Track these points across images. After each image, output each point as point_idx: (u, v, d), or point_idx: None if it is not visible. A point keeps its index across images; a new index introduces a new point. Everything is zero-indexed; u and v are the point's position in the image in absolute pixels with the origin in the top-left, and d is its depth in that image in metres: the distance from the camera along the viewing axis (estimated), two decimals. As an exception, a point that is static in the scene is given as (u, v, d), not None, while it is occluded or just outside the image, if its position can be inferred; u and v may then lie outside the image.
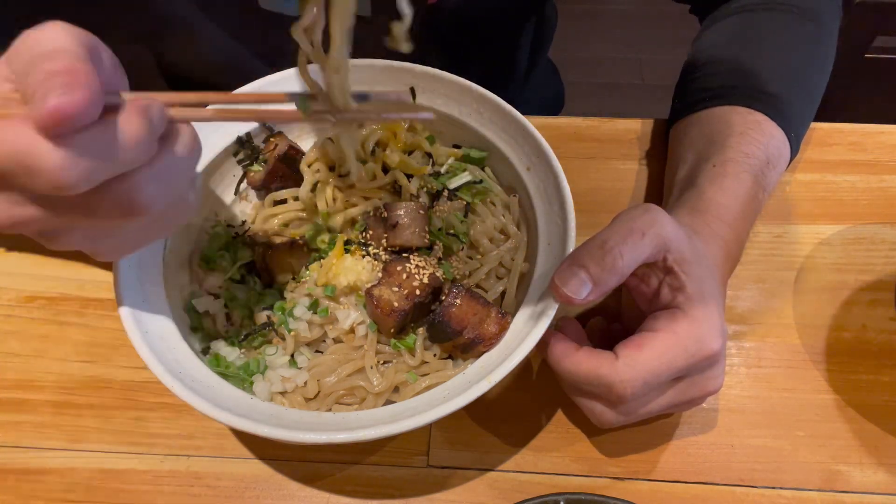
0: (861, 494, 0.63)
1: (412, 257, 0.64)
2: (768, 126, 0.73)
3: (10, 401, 0.70)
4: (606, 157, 0.86)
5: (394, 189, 0.71)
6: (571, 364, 0.57)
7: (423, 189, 0.70)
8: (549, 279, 0.57)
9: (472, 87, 0.71)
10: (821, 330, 0.72)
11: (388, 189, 0.71)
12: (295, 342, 0.65)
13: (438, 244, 0.67)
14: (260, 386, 0.62)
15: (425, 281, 0.62)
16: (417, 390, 0.61)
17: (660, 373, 0.55)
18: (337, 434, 0.53)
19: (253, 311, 0.67)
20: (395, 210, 0.66)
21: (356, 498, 0.64)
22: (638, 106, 2.40)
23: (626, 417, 0.58)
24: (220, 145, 0.72)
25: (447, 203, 0.69)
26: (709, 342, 0.55)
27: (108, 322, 0.74)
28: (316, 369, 0.64)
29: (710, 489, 0.64)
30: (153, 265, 0.65)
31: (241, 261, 0.69)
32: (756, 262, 0.77)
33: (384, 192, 0.71)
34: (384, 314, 0.61)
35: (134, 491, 0.65)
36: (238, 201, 0.76)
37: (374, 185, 0.70)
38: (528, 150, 0.69)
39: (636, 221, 0.56)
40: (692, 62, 0.84)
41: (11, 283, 0.77)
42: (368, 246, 0.67)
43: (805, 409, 0.67)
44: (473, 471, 0.65)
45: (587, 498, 0.59)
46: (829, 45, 0.82)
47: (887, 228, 0.79)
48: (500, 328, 0.60)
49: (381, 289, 0.62)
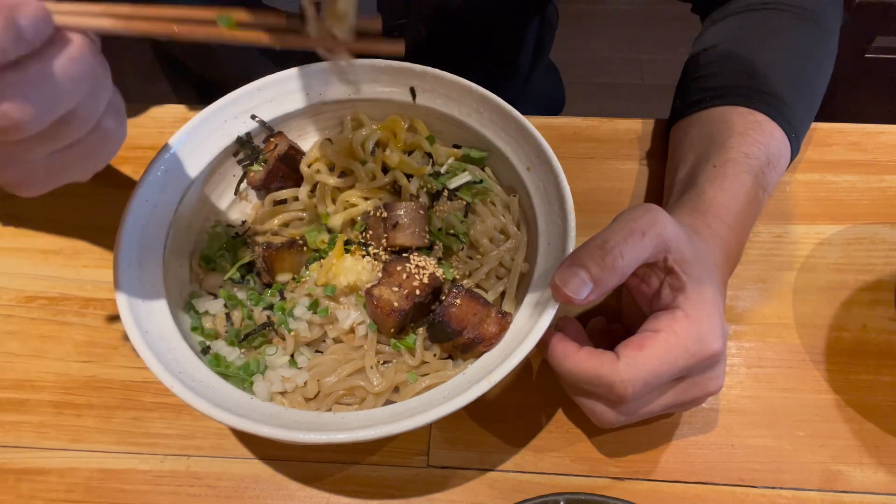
0: (861, 494, 0.63)
1: (412, 257, 0.64)
2: (769, 126, 0.73)
3: (10, 401, 0.70)
4: (606, 157, 0.86)
5: (394, 189, 0.71)
6: (572, 364, 0.57)
7: (424, 189, 0.70)
8: (550, 279, 0.57)
9: (473, 87, 0.71)
10: (821, 330, 0.72)
11: (388, 189, 0.71)
12: (295, 342, 0.65)
13: (438, 244, 0.67)
14: (260, 386, 0.62)
15: (425, 281, 0.62)
16: (417, 390, 0.61)
17: (661, 373, 0.55)
18: (337, 434, 0.53)
19: (253, 311, 0.67)
20: (395, 210, 0.66)
21: (356, 498, 0.64)
22: (638, 106, 2.40)
23: (627, 417, 0.58)
24: (221, 145, 0.72)
25: (447, 203, 0.69)
26: (709, 342, 0.55)
27: (108, 322, 0.74)
28: (316, 369, 0.64)
29: (710, 489, 0.64)
30: (153, 265, 0.65)
31: (240, 261, 0.69)
32: (756, 262, 0.77)
33: (384, 192, 0.71)
34: (384, 314, 0.61)
35: (134, 491, 0.65)
36: (238, 201, 0.76)
37: (374, 185, 0.70)
38: (528, 150, 0.69)
39: (637, 221, 0.56)
40: (693, 62, 0.84)
41: (11, 283, 0.77)
42: (368, 246, 0.67)
43: (805, 409, 0.67)
44: (473, 471, 0.65)
45: (587, 498, 0.59)
46: (830, 45, 0.82)
47: (887, 228, 0.79)
48: (500, 328, 0.60)
49: (381, 289, 0.62)
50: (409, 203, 0.67)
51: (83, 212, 0.82)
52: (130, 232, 0.64)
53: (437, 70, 0.72)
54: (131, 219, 0.64)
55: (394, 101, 0.74)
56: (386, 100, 0.74)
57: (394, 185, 0.71)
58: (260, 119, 0.73)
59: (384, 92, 0.74)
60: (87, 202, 0.82)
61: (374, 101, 0.74)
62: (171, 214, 0.68)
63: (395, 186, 0.71)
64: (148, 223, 0.65)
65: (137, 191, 0.65)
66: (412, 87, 0.73)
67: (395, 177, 0.70)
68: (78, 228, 0.81)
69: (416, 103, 0.73)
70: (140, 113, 0.91)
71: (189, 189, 0.70)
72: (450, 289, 0.62)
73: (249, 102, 0.73)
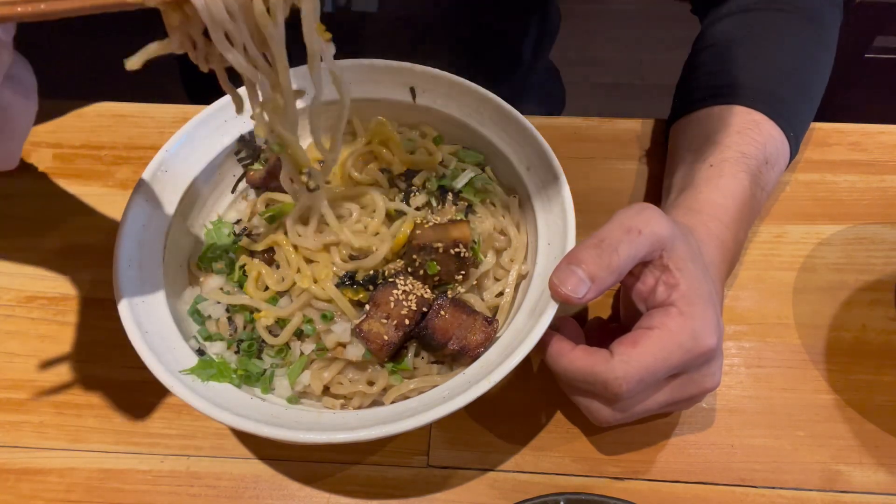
0: (861, 494, 0.63)
1: (398, 282, 0.62)
2: (767, 126, 0.73)
3: (10, 401, 0.70)
4: (606, 157, 0.86)
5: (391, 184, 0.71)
6: (567, 362, 0.57)
7: (425, 189, 0.70)
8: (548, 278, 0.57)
9: (473, 87, 0.71)
10: (821, 330, 0.72)
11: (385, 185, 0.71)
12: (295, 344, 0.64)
13: None
14: (261, 387, 0.62)
15: (413, 307, 0.61)
16: (403, 391, 0.61)
17: (655, 369, 0.55)
18: (337, 434, 0.53)
19: (253, 314, 0.66)
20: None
21: (356, 498, 0.64)
22: (638, 106, 2.40)
23: (624, 415, 0.58)
24: (221, 144, 0.72)
25: (452, 207, 0.69)
26: (704, 338, 0.55)
27: (108, 322, 0.73)
28: (315, 369, 0.64)
29: (710, 489, 0.64)
30: (153, 265, 0.65)
31: (240, 262, 0.69)
32: (756, 262, 0.77)
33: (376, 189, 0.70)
34: (377, 348, 0.60)
35: (134, 491, 0.65)
36: (238, 200, 0.76)
37: (365, 179, 0.70)
38: (528, 150, 0.69)
39: (633, 220, 0.56)
40: (692, 61, 0.84)
41: (11, 283, 0.77)
42: None
43: (805, 409, 0.67)
44: (473, 471, 0.65)
45: (587, 498, 0.59)
46: (830, 45, 0.82)
47: (887, 228, 0.79)
48: (485, 336, 0.60)
49: (369, 322, 0.60)
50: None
51: (83, 212, 0.82)
52: (130, 232, 0.64)
53: (437, 70, 0.72)
54: (131, 219, 0.64)
55: (394, 100, 0.74)
56: (386, 100, 0.74)
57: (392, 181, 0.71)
58: (260, 119, 0.73)
59: (384, 92, 0.74)
60: (87, 202, 0.82)
61: (375, 100, 0.74)
62: (170, 214, 0.68)
63: (396, 185, 0.71)
64: (148, 223, 0.65)
65: (137, 191, 0.65)
66: (412, 87, 0.73)
67: (374, 178, 0.70)
68: (78, 228, 0.81)
69: (416, 103, 0.73)
70: (139, 113, 0.91)
71: (189, 189, 0.70)
72: (434, 300, 0.62)
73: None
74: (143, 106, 0.91)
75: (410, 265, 0.63)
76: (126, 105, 0.91)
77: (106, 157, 0.87)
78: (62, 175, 0.85)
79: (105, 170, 0.86)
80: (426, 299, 0.62)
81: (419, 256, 0.63)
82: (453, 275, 0.64)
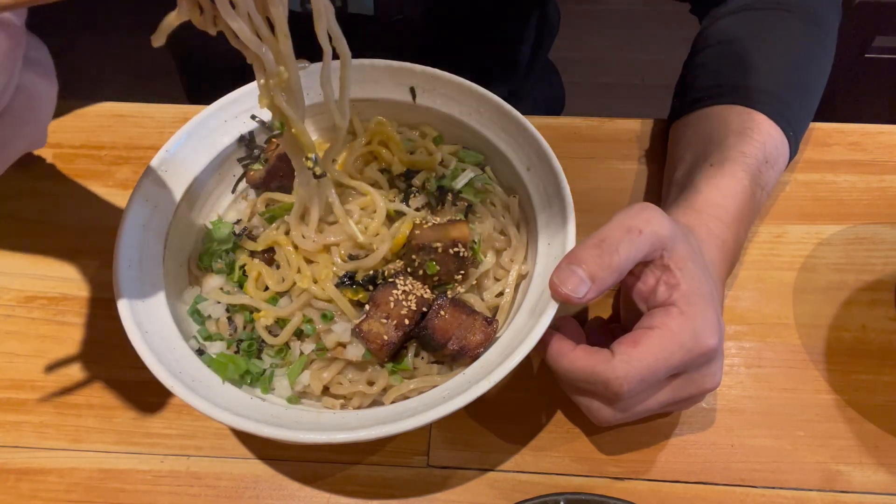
0: (861, 494, 0.63)
1: (398, 282, 0.62)
2: (767, 125, 0.73)
3: (10, 401, 0.70)
4: (606, 157, 0.86)
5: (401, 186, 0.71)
6: (568, 362, 0.57)
7: (424, 189, 0.70)
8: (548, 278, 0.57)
9: (473, 87, 0.71)
10: (821, 330, 0.72)
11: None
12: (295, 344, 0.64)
13: None
14: (261, 387, 0.62)
15: (413, 308, 0.61)
16: (403, 391, 0.61)
17: (656, 369, 0.55)
18: (337, 434, 0.53)
19: (253, 313, 0.66)
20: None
21: (356, 498, 0.64)
22: (638, 106, 2.40)
23: (624, 415, 0.58)
24: (221, 144, 0.72)
25: (452, 207, 0.69)
26: (704, 338, 0.55)
27: (108, 322, 0.73)
28: (314, 369, 0.64)
29: (710, 489, 0.64)
30: (153, 265, 0.65)
31: (240, 262, 0.69)
32: (756, 262, 0.77)
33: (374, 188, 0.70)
34: (377, 348, 0.60)
35: (134, 491, 0.65)
36: (238, 200, 0.76)
37: (365, 179, 0.70)
38: (528, 150, 0.69)
39: (633, 219, 0.56)
40: (691, 61, 0.84)
41: (11, 283, 0.77)
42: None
43: (805, 409, 0.67)
44: (473, 471, 0.65)
45: (587, 498, 0.59)
46: (829, 44, 0.82)
47: (887, 228, 0.79)
48: (485, 336, 0.60)
49: (369, 322, 0.60)
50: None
51: (83, 212, 0.82)
52: (130, 232, 0.64)
53: (436, 70, 0.72)
54: (131, 219, 0.64)
55: (394, 100, 0.74)
56: (386, 100, 0.74)
57: (392, 180, 0.71)
58: (260, 119, 0.73)
59: (384, 92, 0.74)
60: (86, 202, 0.82)
61: (374, 100, 0.74)
62: (170, 214, 0.68)
63: (397, 185, 0.71)
64: (148, 223, 0.65)
65: (137, 191, 0.65)
66: (412, 87, 0.73)
67: (374, 178, 0.70)
68: (78, 228, 0.81)
69: (416, 103, 0.73)
70: (139, 113, 0.91)
71: (189, 189, 0.70)
72: (434, 300, 0.62)
73: (250, 102, 0.73)
74: (143, 106, 0.91)
75: (410, 265, 0.64)
76: (126, 105, 0.91)
77: (106, 157, 0.87)
78: (62, 175, 0.85)
79: (105, 170, 0.86)
80: (426, 299, 0.62)
81: (418, 256, 0.63)
82: (453, 275, 0.64)
